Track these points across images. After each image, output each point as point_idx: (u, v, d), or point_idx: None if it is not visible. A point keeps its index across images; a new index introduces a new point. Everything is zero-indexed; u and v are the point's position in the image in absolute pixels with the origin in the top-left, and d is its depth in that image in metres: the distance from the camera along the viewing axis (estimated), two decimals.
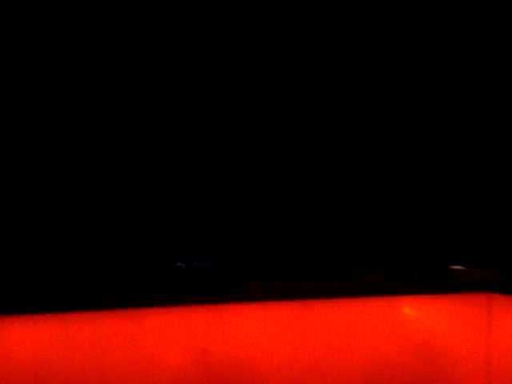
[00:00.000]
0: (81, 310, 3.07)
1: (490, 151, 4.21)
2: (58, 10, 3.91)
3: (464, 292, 3.48)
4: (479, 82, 4.07)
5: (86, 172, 3.93)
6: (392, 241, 4.03)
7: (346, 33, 4.19)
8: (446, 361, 3.47)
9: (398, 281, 3.62)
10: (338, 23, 4.19)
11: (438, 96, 4.20)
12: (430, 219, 4.18)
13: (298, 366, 3.29)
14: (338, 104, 4.18)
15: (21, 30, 3.87)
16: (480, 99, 4.09)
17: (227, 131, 4.09)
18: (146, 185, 4.00)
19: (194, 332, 3.17)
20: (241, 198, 4.08)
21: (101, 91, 3.97)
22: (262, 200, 4.11)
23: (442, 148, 4.21)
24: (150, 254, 3.87)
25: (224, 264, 3.79)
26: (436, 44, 4.15)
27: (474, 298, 3.50)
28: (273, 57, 4.17)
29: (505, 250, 4.00)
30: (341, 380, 3.33)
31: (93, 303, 3.09)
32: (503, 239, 4.08)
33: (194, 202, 4.07)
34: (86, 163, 3.94)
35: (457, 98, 4.17)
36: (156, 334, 3.13)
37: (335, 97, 4.18)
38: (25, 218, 3.83)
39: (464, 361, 3.49)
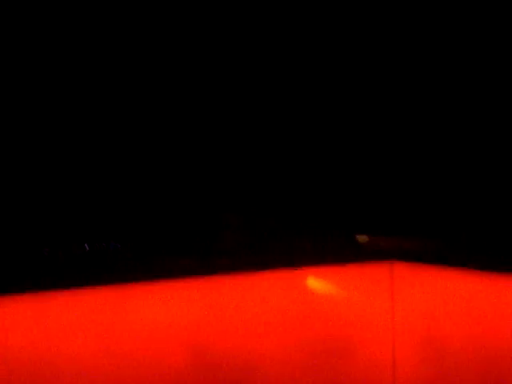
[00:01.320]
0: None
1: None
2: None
3: (368, 260, 3.59)
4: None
5: None
6: (295, 212, 4.08)
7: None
8: (353, 329, 3.57)
9: (301, 252, 3.66)
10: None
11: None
12: (331, 187, 4.25)
13: (203, 342, 3.30)
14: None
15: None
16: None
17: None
18: (46, 165, 3.92)
19: (102, 314, 3.13)
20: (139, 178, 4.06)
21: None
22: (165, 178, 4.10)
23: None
24: (55, 236, 3.80)
25: (129, 244, 3.77)
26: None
27: (377, 266, 3.61)
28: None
29: (407, 218, 4.11)
30: (248, 355, 3.36)
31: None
32: (406, 206, 4.19)
33: (94, 183, 4.01)
34: None
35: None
36: (63, 317, 3.07)
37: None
38: None
39: (370, 328, 3.60)
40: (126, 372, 3.13)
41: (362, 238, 3.87)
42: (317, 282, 3.51)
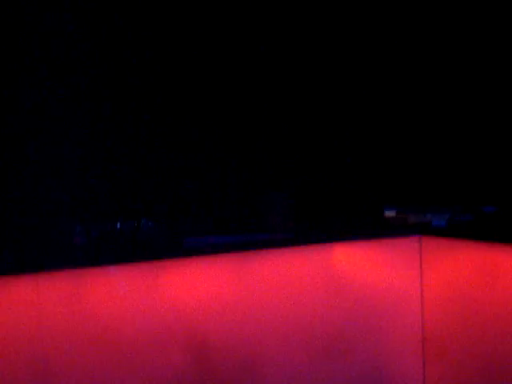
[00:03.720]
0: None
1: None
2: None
3: (397, 236, 3.60)
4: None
5: None
6: (323, 188, 4.10)
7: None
8: (382, 304, 3.58)
9: (330, 228, 3.69)
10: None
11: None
12: (360, 167, 4.27)
13: (238, 317, 3.34)
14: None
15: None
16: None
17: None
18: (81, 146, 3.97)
19: (140, 290, 3.17)
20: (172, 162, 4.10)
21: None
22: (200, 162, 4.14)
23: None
24: (89, 215, 3.87)
25: (162, 222, 3.82)
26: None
27: (406, 241, 3.61)
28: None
29: (436, 193, 4.13)
30: (279, 329, 3.39)
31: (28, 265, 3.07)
32: (434, 182, 4.20)
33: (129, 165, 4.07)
34: None
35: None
36: (100, 293, 3.12)
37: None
38: None
39: (399, 303, 3.61)
40: (162, 342, 3.19)
41: (390, 214, 3.88)
42: (346, 257, 3.52)
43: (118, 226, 3.65)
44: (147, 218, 3.76)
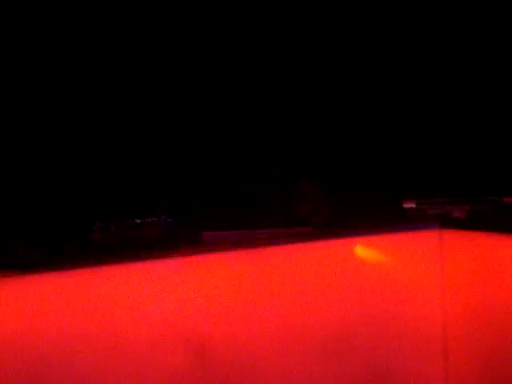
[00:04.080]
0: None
1: None
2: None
3: (417, 229, 3.57)
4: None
5: None
6: (340, 181, 4.08)
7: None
8: (403, 298, 3.55)
9: (349, 222, 3.66)
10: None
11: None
12: (376, 160, 4.25)
13: (259, 312, 3.34)
14: None
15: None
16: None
17: None
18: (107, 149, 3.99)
19: (173, 283, 3.19)
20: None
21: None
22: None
23: None
24: (107, 212, 3.88)
25: (181, 218, 3.82)
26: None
27: (426, 234, 3.58)
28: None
29: (455, 184, 4.09)
30: (299, 324, 3.38)
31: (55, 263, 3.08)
32: (454, 173, 4.17)
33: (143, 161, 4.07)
34: None
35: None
36: (131, 287, 3.15)
37: None
38: None
39: (420, 297, 3.58)
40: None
41: (410, 206, 3.85)
42: (365, 251, 3.51)
43: (138, 221, 3.66)
44: (166, 214, 3.76)
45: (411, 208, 3.86)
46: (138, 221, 3.72)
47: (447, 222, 3.57)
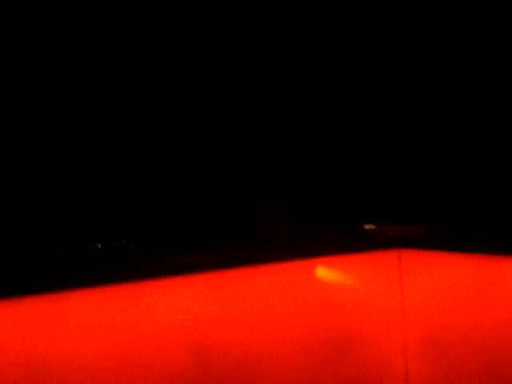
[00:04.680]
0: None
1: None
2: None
3: (376, 249, 3.60)
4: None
5: None
6: (300, 202, 4.09)
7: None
8: (362, 319, 3.59)
9: (309, 243, 3.67)
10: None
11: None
12: (337, 177, 4.27)
13: (224, 335, 3.31)
14: None
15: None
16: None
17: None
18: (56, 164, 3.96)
19: (117, 311, 3.15)
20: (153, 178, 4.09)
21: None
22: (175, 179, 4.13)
23: None
24: (67, 236, 3.85)
25: (142, 242, 3.80)
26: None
27: (386, 254, 3.62)
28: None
29: (414, 205, 4.13)
30: (261, 345, 3.36)
31: (10, 289, 3.04)
32: (412, 193, 4.21)
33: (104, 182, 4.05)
34: None
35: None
36: (79, 315, 3.09)
37: None
38: None
39: (379, 317, 3.62)
40: (137, 369, 3.13)
41: (370, 227, 3.89)
42: (324, 272, 3.53)
43: (99, 246, 3.63)
44: (127, 237, 3.74)
45: (371, 229, 3.90)
46: (100, 246, 3.70)
47: (407, 242, 3.60)
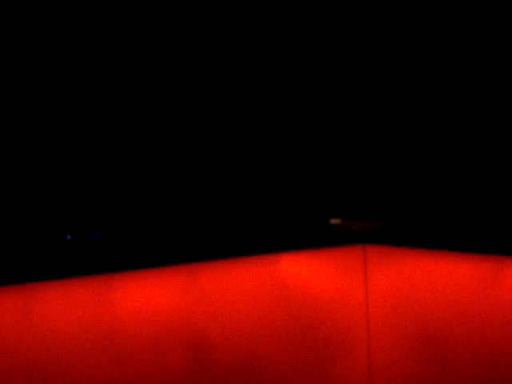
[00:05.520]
0: None
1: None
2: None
3: (341, 245, 3.62)
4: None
5: None
6: (265, 197, 4.10)
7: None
8: (326, 314, 3.61)
9: (275, 238, 3.65)
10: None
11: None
12: (302, 172, 4.29)
13: (188, 328, 3.33)
14: None
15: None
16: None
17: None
18: (28, 157, 3.95)
19: (89, 303, 3.15)
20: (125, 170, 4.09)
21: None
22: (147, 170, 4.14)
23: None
24: (37, 227, 3.84)
25: (113, 234, 3.81)
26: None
27: (350, 250, 3.65)
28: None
29: (379, 200, 4.17)
30: (226, 340, 3.38)
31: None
32: (376, 189, 4.24)
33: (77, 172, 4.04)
34: None
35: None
36: (50, 308, 3.10)
37: None
38: None
39: (344, 312, 3.65)
40: (114, 365, 3.16)
41: (334, 222, 3.90)
42: (289, 266, 3.55)
43: (68, 237, 3.64)
44: (96, 228, 3.75)
45: (337, 224, 3.91)
46: (69, 236, 3.70)
47: (372, 238, 3.62)
